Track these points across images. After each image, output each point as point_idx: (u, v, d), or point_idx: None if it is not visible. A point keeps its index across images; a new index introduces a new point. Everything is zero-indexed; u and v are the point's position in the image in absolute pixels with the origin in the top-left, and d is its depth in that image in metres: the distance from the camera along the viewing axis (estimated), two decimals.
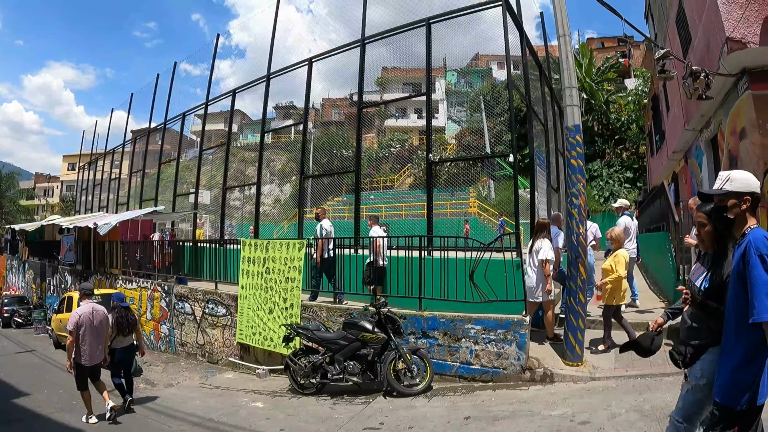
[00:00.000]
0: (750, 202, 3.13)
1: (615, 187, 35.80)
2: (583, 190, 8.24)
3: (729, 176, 3.21)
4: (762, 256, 2.83)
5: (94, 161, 34.25)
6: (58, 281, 22.88)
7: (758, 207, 3.21)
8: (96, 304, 8.90)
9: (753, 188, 3.15)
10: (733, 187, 3.15)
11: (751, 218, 3.13)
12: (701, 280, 3.51)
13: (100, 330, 8.60)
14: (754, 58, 10.56)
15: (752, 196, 3.14)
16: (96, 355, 8.52)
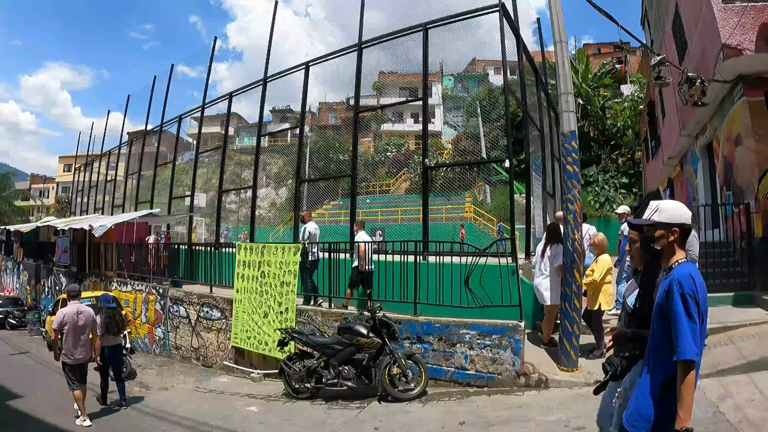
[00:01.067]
0: (678, 234, 3.09)
1: (611, 192, 35.88)
2: (579, 196, 8.25)
3: (658, 206, 3.19)
4: (684, 295, 2.84)
5: (90, 163, 34.21)
6: (53, 283, 22.79)
7: (687, 238, 3.16)
8: (81, 305, 9.11)
9: (682, 220, 3.11)
10: (661, 218, 3.13)
11: (680, 251, 3.11)
12: (632, 298, 3.56)
13: (84, 330, 8.79)
14: (750, 65, 10.62)
15: (681, 227, 3.10)
16: (80, 354, 8.70)
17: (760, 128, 10.67)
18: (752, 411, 5.53)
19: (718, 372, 6.91)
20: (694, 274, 2.91)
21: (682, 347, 2.77)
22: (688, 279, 2.87)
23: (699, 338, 2.77)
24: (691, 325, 2.77)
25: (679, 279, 2.89)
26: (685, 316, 2.80)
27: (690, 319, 2.78)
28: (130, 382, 11.53)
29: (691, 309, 2.80)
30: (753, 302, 9.53)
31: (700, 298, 2.84)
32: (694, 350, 2.74)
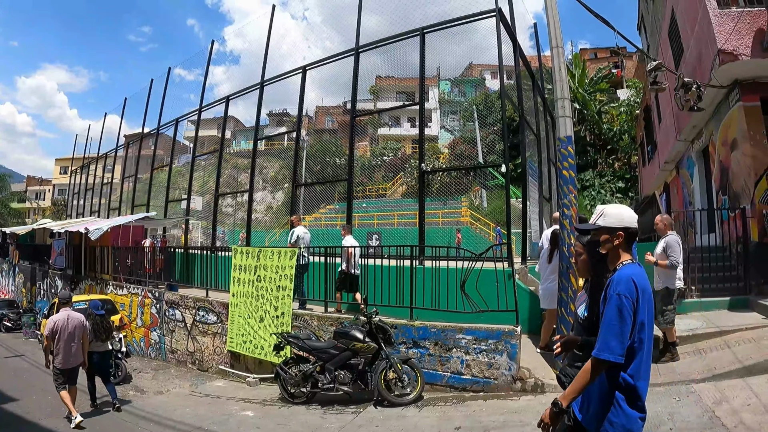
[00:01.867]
0: (623, 237, 3.11)
1: (607, 197, 35.93)
2: (575, 200, 8.25)
3: (603, 211, 3.22)
4: (618, 295, 2.85)
5: (86, 165, 34.16)
6: (49, 285, 22.70)
7: (634, 241, 3.21)
8: (72, 312, 9.26)
9: (626, 224, 3.13)
10: (605, 223, 3.16)
11: (625, 254, 3.13)
12: (582, 307, 3.56)
13: (75, 336, 8.92)
14: (746, 70, 10.66)
15: (625, 231, 3.12)
16: (71, 359, 8.86)
17: (756, 133, 10.71)
18: (748, 415, 5.53)
19: (714, 376, 6.92)
20: (636, 276, 2.93)
21: (599, 344, 2.83)
22: (627, 281, 2.89)
23: (624, 339, 2.79)
24: (617, 326, 2.81)
25: (618, 280, 2.92)
26: (615, 316, 2.82)
27: (620, 320, 2.81)
28: (125, 386, 11.52)
29: (624, 310, 2.82)
30: (749, 306, 9.55)
31: (640, 300, 2.86)
32: (610, 350, 2.78)
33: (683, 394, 6.57)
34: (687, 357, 8.01)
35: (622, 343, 2.79)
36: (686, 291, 10.30)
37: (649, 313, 2.91)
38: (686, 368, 7.52)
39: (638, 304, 2.84)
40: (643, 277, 2.96)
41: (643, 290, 2.88)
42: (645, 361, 2.91)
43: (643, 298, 2.87)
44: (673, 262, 8.08)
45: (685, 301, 10.14)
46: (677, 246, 8.15)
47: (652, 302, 2.98)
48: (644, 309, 2.86)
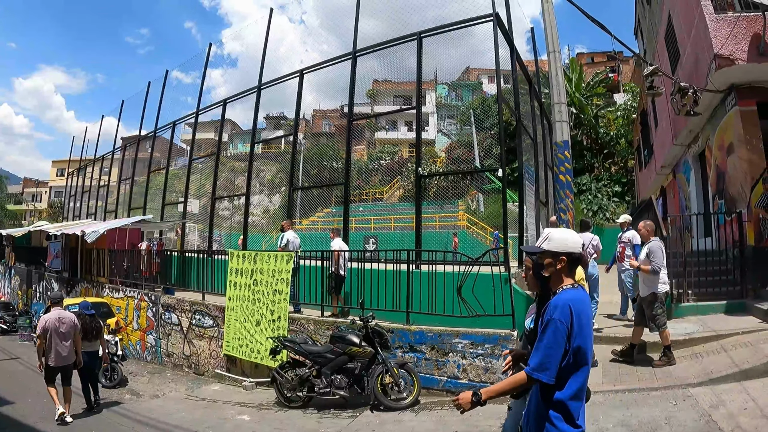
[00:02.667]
0: (565, 262, 3.17)
1: (603, 201, 35.96)
2: (572, 205, 8.30)
3: (548, 235, 3.28)
4: (553, 320, 2.93)
5: (83, 167, 34.07)
6: (45, 288, 22.63)
7: (577, 265, 3.26)
8: (63, 311, 9.53)
9: (570, 249, 3.19)
10: (549, 247, 3.21)
11: (567, 278, 3.19)
12: (529, 320, 3.73)
13: (66, 335, 9.13)
14: (742, 75, 10.70)
15: (568, 256, 3.18)
16: (63, 357, 9.05)
17: (753, 137, 10.74)
18: (745, 419, 5.54)
19: (711, 380, 6.92)
20: (573, 301, 3.00)
21: (532, 363, 2.94)
22: (563, 306, 2.96)
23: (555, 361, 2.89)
24: (550, 349, 2.90)
25: (554, 305, 3.00)
26: (550, 339, 2.91)
27: (553, 343, 2.90)
28: (121, 389, 11.51)
29: (557, 334, 2.90)
30: (745, 310, 9.56)
31: (575, 324, 2.94)
32: (541, 370, 2.88)
33: (680, 398, 6.57)
34: (684, 361, 8.02)
35: (554, 365, 2.89)
36: (683, 295, 10.33)
37: (587, 337, 3.00)
38: (683, 372, 7.52)
39: (572, 329, 2.92)
40: (581, 302, 3.04)
41: (578, 315, 2.96)
42: (580, 382, 2.99)
43: (579, 323, 2.95)
44: (655, 268, 8.15)
45: (682, 305, 10.17)
46: (660, 251, 8.25)
47: (591, 327, 3.07)
48: (580, 333, 2.95)
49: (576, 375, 2.96)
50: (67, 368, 9.21)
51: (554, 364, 2.89)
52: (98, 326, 10.35)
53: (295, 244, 12.27)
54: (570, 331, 2.92)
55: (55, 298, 9.95)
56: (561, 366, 2.92)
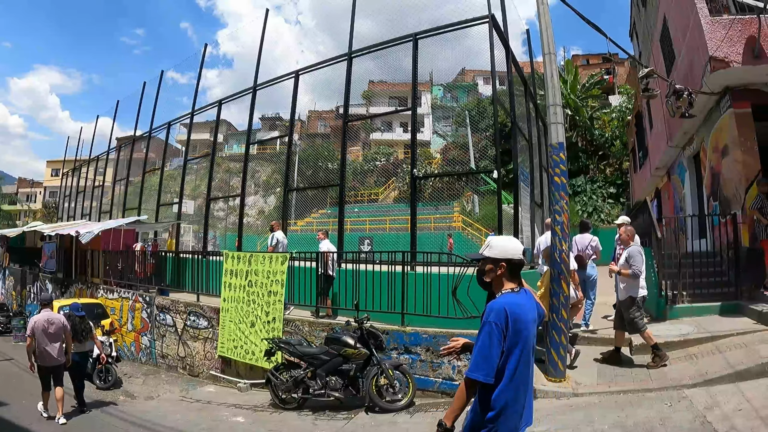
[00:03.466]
0: (505, 268, 3.29)
1: (598, 202, 36.02)
2: (566, 207, 8.27)
3: (489, 242, 3.44)
4: (489, 323, 3.06)
5: (78, 168, 34.00)
6: (39, 289, 22.54)
7: (519, 270, 3.36)
8: (52, 313, 9.63)
9: (509, 255, 3.31)
10: (490, 254, 3.35)
11: (508, 282, 3.31)
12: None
13: (55, 336, 9.20)
14: (737, 77, 10.72)
15: (508, 262, 3.30)
16: (52, 357, 9.12)
17: (747, 139, 10.76)
18: (740, 420, 5.54)
19: (706, 381, 6.93)
20: (509, 305, 3.12)
21: (471, 365, 3.07)
22: (498, 309, 3.08)
23: (492, 362, 3.01)
24: (486, 350, 3.02)
25: (490, 308, 3.14)
26: (486, 341, 3.04)
27: (489, 344, 3.02)
28: (115, 391, 11.46)
29: (493, 336, 3.02)
30: (740, 312, 9.57)
31: (511, 327, 3.05)
32: (479, 370, 3.01)
33: (675, 399, 6.58)
34: (678, 362, 8.03)
35: (491, 366, 3.01)
36: (677, 296, 10.36)
37: (525, 340, 3.11)
38: (678, 373, 7.53)
39: (508, 330, 3.05)
40: (517, 305, 3.16)
41: (515, 319, 3.08)
42: (516, 385, 3.09)
43: (515, 327, 3.07)
44: (635, 272, 8.28)
45: (677, 307, 10.19)
46: (639, 256, 8.37)
47: (529, 330, 3.16)
48: (516, 337, 3.07)
49: (513, 378, 3.06)
50: (58, 369, 9.28)
51: (490, 363, 3.01)
52: (88, 327, 10.41)
53: (284, 244, 12.63)
54: (506, 333, 3.04)
55: (45, 299, 10.15)
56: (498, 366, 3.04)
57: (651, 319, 10.86)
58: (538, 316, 3.38)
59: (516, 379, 3.06)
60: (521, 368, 3.09)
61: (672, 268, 10.46)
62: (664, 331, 9.32)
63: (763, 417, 5.48)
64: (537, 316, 3.36)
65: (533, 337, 3.22)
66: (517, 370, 3.06)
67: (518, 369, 3.07)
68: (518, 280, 3.35)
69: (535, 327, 3.29)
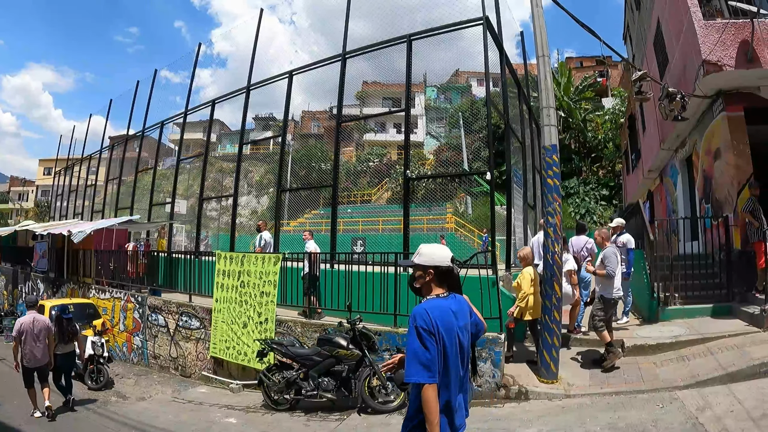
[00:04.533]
0: (433, 274, 3.39)
1: (591, 204, 36.11)
2: (559, 209, 8.29)
3: (419, 250, 3.51)
4: (416, 327, 3.13)
5: (70, 167, 33.90)
6: (30, 289, 22.46)
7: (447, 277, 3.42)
8: (37, 314, 9.90)
9: (437, 263, 3.40)
10: (419, 261, 3.44)
11: (437, 288, 3.40)
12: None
13: (40, 337, 9.49)
14: (730, 81, 10.76)
15: (436, 269, 3.39)
16: (37, 359, 9.43)
17: (740, 143, 10.80)
18: (731, 422, 5.56)
19: (698, 383, 6.97)
20: (432, 309, 3.20)
21: (407, 372, 3.11)
22: (422, 313, 3.16)
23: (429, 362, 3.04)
24: (420, 352, 3.06)
25: (415, 314, 3.20)
26: (417, 344, 3.09)
27: (422, 347, 3.07)
28: (107, 392, 11.43)
29: (423, 339, 3.08)
30: (732, 313, 9.63)
31: (440, 330, 3.12)
32: (419, 374, 3.03)
33: (667, 400, 6.61)
34: (670, 363, 8.07)
35: (430, 366, 3.05)
36: (669, 298, 10.40)
37: (450, 344, 3.17)
38: (669, 375, 7.56)
39: (437, 333, 3.12)
40: (440, 309, 3.23)
41: (439, 320, 3.16)
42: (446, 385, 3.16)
43: (445, 327, 3.15)
44: (610, 272, 8.48)
45: (669, 308, 10.25)
46: (614, 257, 8.59)
47: (456, 334, 3.22)
48: (441, 340, 3.13)
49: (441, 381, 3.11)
50: (43, 368, 9.57)
51: (432, 364, 3.05)
52: (74, 329, 10.64)
53: (270, 244, 12.84)
54: (435, 334, 3.10)
55: (31, 302, 10.41)
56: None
57: (643, 320, 10.93)
58: (473, 326, 3.50)
59: (444, 380, 3.14)
60: (449, 370, 3.17)
61: (664, 270, 10.51)
62: (656, 333, 9.38)
63: (754, 418, 5.50)
64: (471, 324, 3.46)
65: (465, 341, 3.31)
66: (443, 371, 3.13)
67: (445, 370, 3.15)
68: (447, 286, 3.44)
69: (466, 333, 3.36)
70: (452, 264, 3.45)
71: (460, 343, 3.24)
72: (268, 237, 13.20)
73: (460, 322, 3.29)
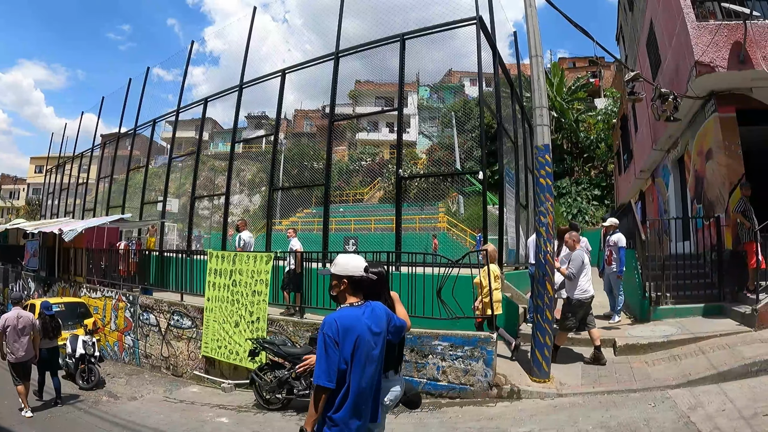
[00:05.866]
0: (347, 284, 3.66)
1: (583, 204, 36.25)
2: (552, 208, 8.30)
3: (335, 261, 3.78)
4: (323, 334, 3.41)
5: (61, 165, 33.76)
6: (21, 287, 22.37)
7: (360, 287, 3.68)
8: (22, 311, 10.22)
9: (349, 273, 3.66)
10: (334, 271, 3.70)
11: (351, 297, 3.67)
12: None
13: (24, 332, 9.76)
14: (722, 82, 10.81)
15: (349, 279, 3.65)
16: (21, 354, 9.66)
17: (731, 144, 10.86)
18: (723, 421, 5.58)
19: (690, 382, 6.99)
20: (341, 318, 3.48)
21: (314, 373, 3.40)
22: (330, 322, 3.44)
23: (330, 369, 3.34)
24: (323, 358, 3.37)
25: (325, 322, 3.48)
26: (322, 350, 3.38)
27: (325, 354, 3.37)
28: (98, 391, 11.37)
29: (327, 347, 3.37)
30: (723, 313, 9.68)
31: (342, 338, 3.40)
32: (319, 377, 3.33)
33: (658, 399, 6.63)
34: (662, 363, 8.10)
35: (329, 372, 3.34)
36: (661, 297, 10.44)
37: (361, 350, 3.44)
38: (661, 374, 7.58)
39: (341, 341, 3.39)
40: (350, 318, 3.50)
41: (346, 330, 3.42)
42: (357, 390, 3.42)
43: (347, 337, 3.41)
44: (569, 274, 8.76)
45: (660, 308, 10.29)
46: (579, 261, 8.82)
47: (364, 343, 3.46)
48: (351, 347, 3.41)
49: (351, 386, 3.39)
50: (27, 364, 9.79)
51: (330, 370, 3.34)
52: (57, 325, 10.87)
53: (251, 244, 12.91)
54: (338, 342, 3.38)
55: (15, 298, 10.80)
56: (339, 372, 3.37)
57: (635, 320, 10.96)
58: (394, 328, 3.83)
59: (355, 384, 3.39)
60: (360, 374, 3.41)
61: (656, 269, 10.54)
62: (647, 332, 9.40)
63: (746, 417, 5.52)
64: (388, 328, 3.73)
65: (377, 348, 3.56)
66: (353, 375, 3.39)
67: (356, 375, 3.40)
68: (364, 295, 3.71)
69: (381, 339, 3.62)
70: (366, 274, 3.70)
71: (372, 348, 3.51)
72: (247, 237, 13.22)
73: (374, 328, 3.56)
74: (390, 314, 3.87)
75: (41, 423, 9.05)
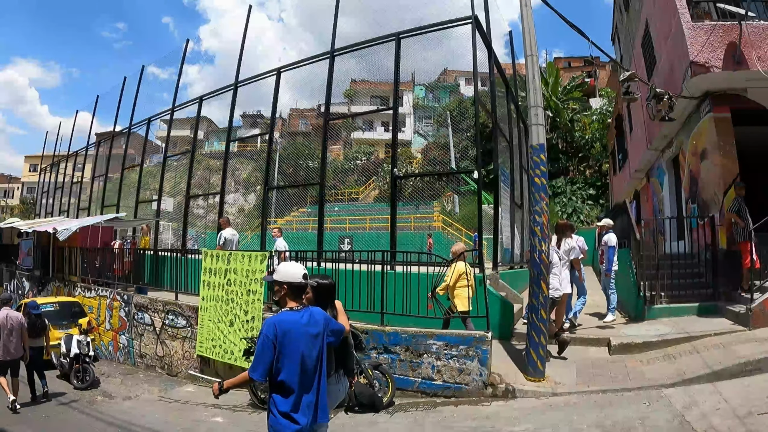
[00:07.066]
0: (286, 289, 4.02)
1: (578, 203, 36.33)
2: (547, 208, 8.31)
3: (277, 267, 4.22)
4: (262, 334, 3.81)
5: (56, 163, 33.64)
6: (16, 287, 22.28)
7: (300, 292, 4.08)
8: (11, 311, 10.37)
9: (288, 279, 4.01)
10: (276, 277, 4.05)
11: (291, 301, 4.03)
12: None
13: (12, 332, 9.93)
14: (717, 82, 10.84)
15: (288, 285, 4.01)
16: (10, 352, 9.84)
17: (726, 144, 10.89)
18: (718, 420, 5.60)
19: (684, 381, 7.00)
20: (279, 321, 3.85)
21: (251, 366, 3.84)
22: (269, 324, 3.82)
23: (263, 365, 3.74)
24: (260, 355, 3.76)
25: (265, 323, 3.88)
26: (260, 348, 3.77)
27: (261, 351, 3.76)
28: (93, 391, 11.33)
29: (264, 345, 3.76)
30: (717, 312, 9.71)
31: (279, 339, 3.77)
32: (254, 371, 3.75)
33: (653, 398, 6.64)
34: (657, 362, 8.11)
35: (264, 368, 3.74)
36: (656, 297, 10.47)
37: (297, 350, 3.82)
38: (656, 373, 7.59)
39: (278, 342, 3.75)
40: (290, 322, 3.87)
41: (284, 332, 3.79)
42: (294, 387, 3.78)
43: (285, 338, 3.78)
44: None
45: (655, 307, 10.31)
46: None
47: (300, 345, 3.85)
48: (287, 348, 3.78)
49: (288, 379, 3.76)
50: (15, 362, 9.98)
51: (263, 366, 3.73)
52: (43, 324, 11.05)
53: (234, 241, 12.96)
54: (275, 343, 3.74)
55: (4, 298, 10.75)
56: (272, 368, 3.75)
57: (629, 319, 10.98)
58: (332, 333, 4.19)
59: (293, 382, 3.76)
60: (298, 373, 3.79)
61: (650, 269, 10.56)
62: (642, 332, 9.42)
63: (740, 416, 5.54)
64: (325, 332, 4.09)
65: (315, 348, 3.94)
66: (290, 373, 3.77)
67: (294, 373, 3.77)
68: (306, 300, 4.23)
69: (318, 341, 3.99)
70: (304, 281, 4.06)
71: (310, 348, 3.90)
72: (229, 234, 13.26)
73: (312, 331, 3.95)
74: (328, 318, 4.23)
75: (36, 423, 9.00)
